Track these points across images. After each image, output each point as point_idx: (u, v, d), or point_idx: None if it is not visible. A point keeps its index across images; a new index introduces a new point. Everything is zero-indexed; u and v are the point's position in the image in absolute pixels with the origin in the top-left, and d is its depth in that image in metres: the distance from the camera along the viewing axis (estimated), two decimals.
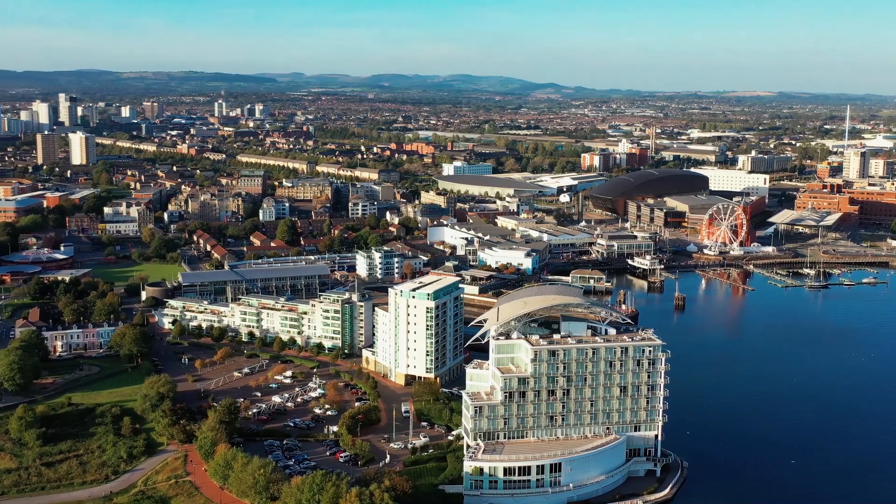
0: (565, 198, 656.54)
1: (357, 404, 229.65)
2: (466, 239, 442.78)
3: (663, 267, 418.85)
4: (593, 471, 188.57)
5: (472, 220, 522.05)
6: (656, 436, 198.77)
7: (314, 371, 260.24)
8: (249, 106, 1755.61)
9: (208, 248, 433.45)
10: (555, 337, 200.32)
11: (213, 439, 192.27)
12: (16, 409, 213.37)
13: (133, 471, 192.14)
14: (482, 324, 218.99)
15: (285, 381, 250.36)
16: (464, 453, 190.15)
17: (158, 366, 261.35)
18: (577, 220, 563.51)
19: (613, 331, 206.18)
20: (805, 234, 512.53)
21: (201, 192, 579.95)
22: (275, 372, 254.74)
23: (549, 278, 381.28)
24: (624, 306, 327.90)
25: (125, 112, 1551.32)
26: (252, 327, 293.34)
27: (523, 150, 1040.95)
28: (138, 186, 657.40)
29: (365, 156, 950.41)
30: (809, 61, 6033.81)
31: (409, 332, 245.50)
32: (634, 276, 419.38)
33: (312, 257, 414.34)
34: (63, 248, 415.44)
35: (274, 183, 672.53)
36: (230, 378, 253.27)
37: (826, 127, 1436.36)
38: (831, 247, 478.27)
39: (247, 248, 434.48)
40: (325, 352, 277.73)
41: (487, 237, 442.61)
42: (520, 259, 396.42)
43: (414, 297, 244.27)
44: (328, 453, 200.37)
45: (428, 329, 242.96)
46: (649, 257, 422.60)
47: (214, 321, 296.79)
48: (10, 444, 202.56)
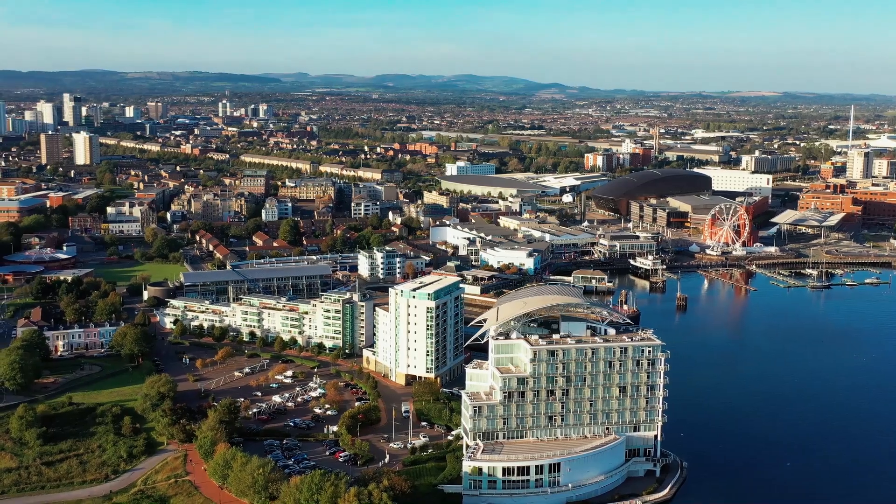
0: (568, 198, 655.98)
1: (357, 404, 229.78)
2: (468, 239, 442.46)
3: (665, 267, 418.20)
4: (592, 471, 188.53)
5: (474, 221, 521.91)
6: (656, 436, 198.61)
7: (315, 371, 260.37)
8: (253, 106, 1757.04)
9: (211, 247, 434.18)
10: (554, 337, 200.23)
11: (212, 439, 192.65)
12: (17, 408, 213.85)
13: (133, 470, 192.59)
14: (482, 324, 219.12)
15: (286, 380, 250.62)
16: (463, 453, 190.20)
17: (159, 365, 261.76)
18: (579, 220, 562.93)
19: (613, 331, 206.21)
20: (808, 234, 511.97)
21: (204, 192, 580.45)
22: (275, 372, 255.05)
23: (551, 278, 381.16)
24: (625, 306, 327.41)
25: (129, 112, 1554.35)
26: (253, 327, 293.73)
27: (527, 151, 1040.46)
28: (141, 186, 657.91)
29: (368, 156, 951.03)
30: (813, 61, 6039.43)
31: (409, 332, 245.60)
32: (636, 277, 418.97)
33: (314, 257, 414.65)
34: (66, 248, 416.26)
35: (277, 183, 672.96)
36: (231, 378, 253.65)
37: (830, 127, 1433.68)
38: (834, 247, 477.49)
39: (249, 248, 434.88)
40: (325, 352, 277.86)
41: (489, 237, 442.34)
42: (522, 259, 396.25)
43: (414, 297, 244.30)
44: (328, 453, 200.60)
45: (428, 329, 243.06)
46: (651, 257, 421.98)
47: (216, 321, 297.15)
48: (10, 444, 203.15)
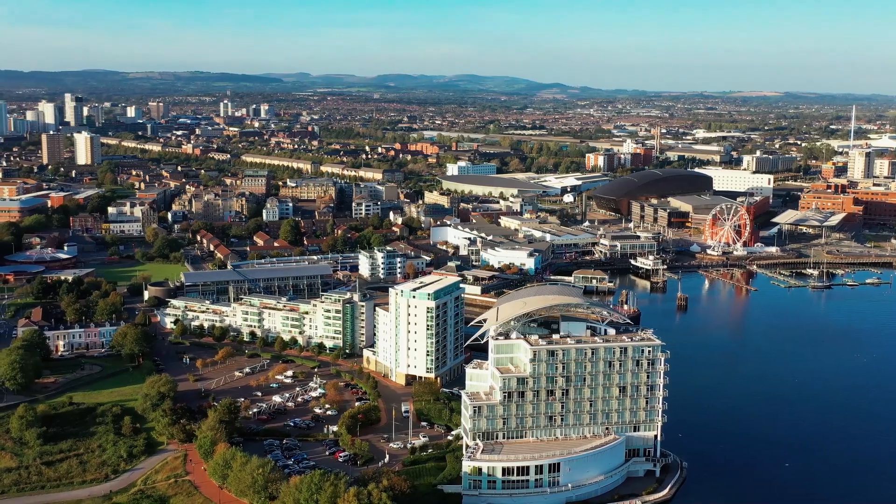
0: (569, 198, 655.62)
1: (357, 404, 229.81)
2: (469, 239, 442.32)
3: (666, 267, 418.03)
4: (592, 471, 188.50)
5: (475, 221, 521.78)
6: (655, 436, 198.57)
7: (315, 371, 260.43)
8: (255, 106, 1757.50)
9: (211, 247, 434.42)
10: (554, 337, 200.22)
11: (212, 439, 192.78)
12: (17, 408, 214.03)
13: (133, 470, 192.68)
14: (482, 324, 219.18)
15: (286, 380, 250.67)
16: (463, 453, 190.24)
17: (160, 365, 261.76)
18: (580, 220, 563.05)
19: (613, 331, 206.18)
20: (809, 234, 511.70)
21: (205, 192, 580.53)
22: (276, 372, 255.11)
23: (551, 278, 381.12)
24: (626, 306, 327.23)
25: (131, 112, 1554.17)
26: (254, 327, 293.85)
27: (528, 151, 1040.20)
28: (143, 186, 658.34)
29: (369, 156, 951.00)
30: (814, 61, 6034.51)
31: (409, 332, 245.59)
32: (637, 277, 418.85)
33: (315, 257, 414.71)
34: (66, 248, 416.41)
35: (278, 183, 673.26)
36: (231, 378, 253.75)
37: (832, 127, 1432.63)
38: (835, 247, 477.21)
39: (250, 248, 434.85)
40: (326, 352, 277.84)
41: (490, 237, 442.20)
42: (522, 259, 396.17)
43: (414, 297, 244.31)
44: (328, 453, 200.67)
45: (428, 329, 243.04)
46: (652, 257, 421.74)
47: (216, 321, 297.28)
48: (10, 443, 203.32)
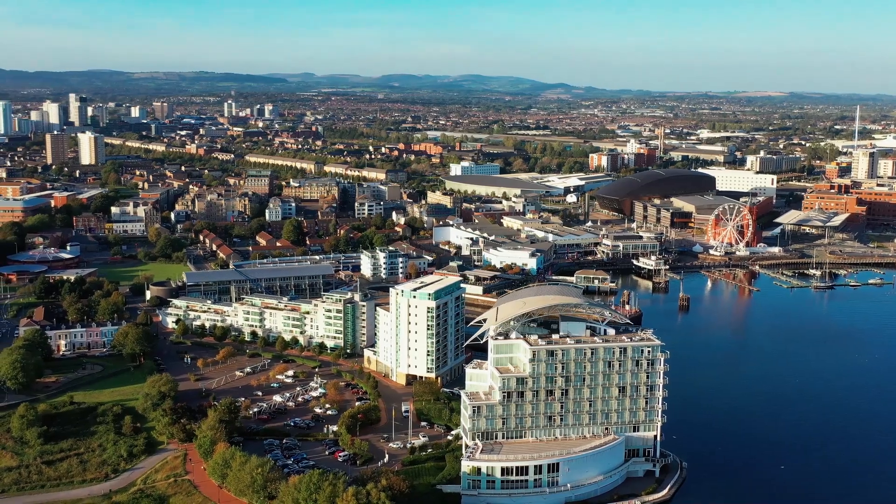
0: (572, 198, 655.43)
1: (357, 404, 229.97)
2: (471, 239, 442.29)
3: (668, 267, 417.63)
4: (591, 471, 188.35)
5: (477, 221, 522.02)
6: (655, 436, 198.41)
7: (316, 371, 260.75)
8: (259, 106, 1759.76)
9: (214, 247, 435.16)
10: (553, 337, 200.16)
11: (212, 438, 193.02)
12: (18, 407, 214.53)
13: (133, 469, 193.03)
14: (482, 324, 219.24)
15: (287, 380, 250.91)
16: (462, 453, 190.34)
17: (161, 365, 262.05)
18: (583, 220, 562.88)
19: (612, 331, 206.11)
20: (812, 234, 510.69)
21: (208, 192, 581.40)
22: (276, 371, 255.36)
23: (553, 278, 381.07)
24: (628, 307, 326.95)
25: (135, 112, 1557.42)
26: (255, 327, 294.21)
27: (531, 151, 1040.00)
28: (146, 186, 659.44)
29: (373, 156, 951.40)
30: (815, 61, 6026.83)
31: (410, 332, 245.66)
32: (639, 277, 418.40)
33: (317, 257, 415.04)
34: (69, 248, 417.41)
35: (281, 183, 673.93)
36: (232, 377, 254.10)
37: (836, 127, 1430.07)
38: (838, 247, 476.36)
39: (252, 248, 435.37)
40: (327, 351, 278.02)
41: (492, 237, 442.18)
42: (524, 259, 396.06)
43: (415, 296, 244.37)
44: (327, 452, 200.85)
45: (429, 329, 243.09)
46: (654, 258, 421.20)
47: (217, 321, 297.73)
48: (11, 443, 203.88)
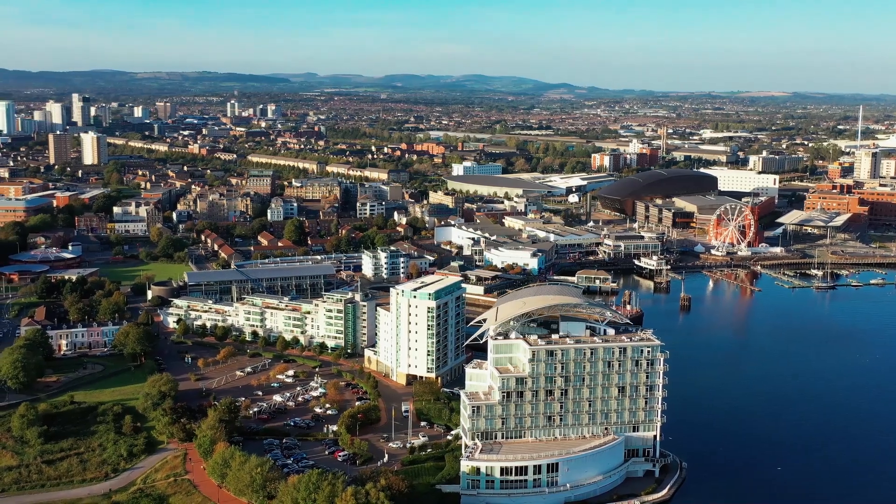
0: (574, 198, 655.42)
1: (357, 404, 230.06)
2: (473, 239, 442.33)
3: (670, 267, 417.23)
4: (591, 471, 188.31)
5: (479, 221, 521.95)
6: (655, 436, 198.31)
7: (316, 370, 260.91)
8: (262, 106, 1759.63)
9: (216, 247, 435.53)
10: (553, 337, 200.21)
11: (212, 438, 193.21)
12: (18, 406, 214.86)
13: (133, 469, 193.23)
14: (482, 324, 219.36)
15: (287, 380, 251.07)
16: (461, 453, 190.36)
17: (162, 365, 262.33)
18: (585, 220, 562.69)
19: (612, 331, 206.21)
20: (814, 234, 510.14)
21: (210, 192, 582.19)
22: (277, 371, 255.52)
23: (554, 278, 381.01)
24: (629, 307, 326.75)
25: (138, 112, 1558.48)
26: (256, 326, 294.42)
27: (534, 151, 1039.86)
28: (149, 186, 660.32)
29: (375, 156, 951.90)
30: (815, 61, 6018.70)
31: (410, 332, 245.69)
32: (641, 277, 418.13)
33: (319, 257, 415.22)
34: (71, 248, 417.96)
35: (283, 183, 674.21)
36: (232, 377, 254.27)
37: (839, 127, 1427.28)
38: (840, 248, 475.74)
39: (254, 248, 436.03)
40: (327, 351, 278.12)
41: (494, 237, 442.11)
42: (526, 259, 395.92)
43: (415, 296, 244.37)
44: (327, 452, 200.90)
45: (429, 329, 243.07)
46: (656, 258, 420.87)
47: (218, 320, 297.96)
48: (11, 442, 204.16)
